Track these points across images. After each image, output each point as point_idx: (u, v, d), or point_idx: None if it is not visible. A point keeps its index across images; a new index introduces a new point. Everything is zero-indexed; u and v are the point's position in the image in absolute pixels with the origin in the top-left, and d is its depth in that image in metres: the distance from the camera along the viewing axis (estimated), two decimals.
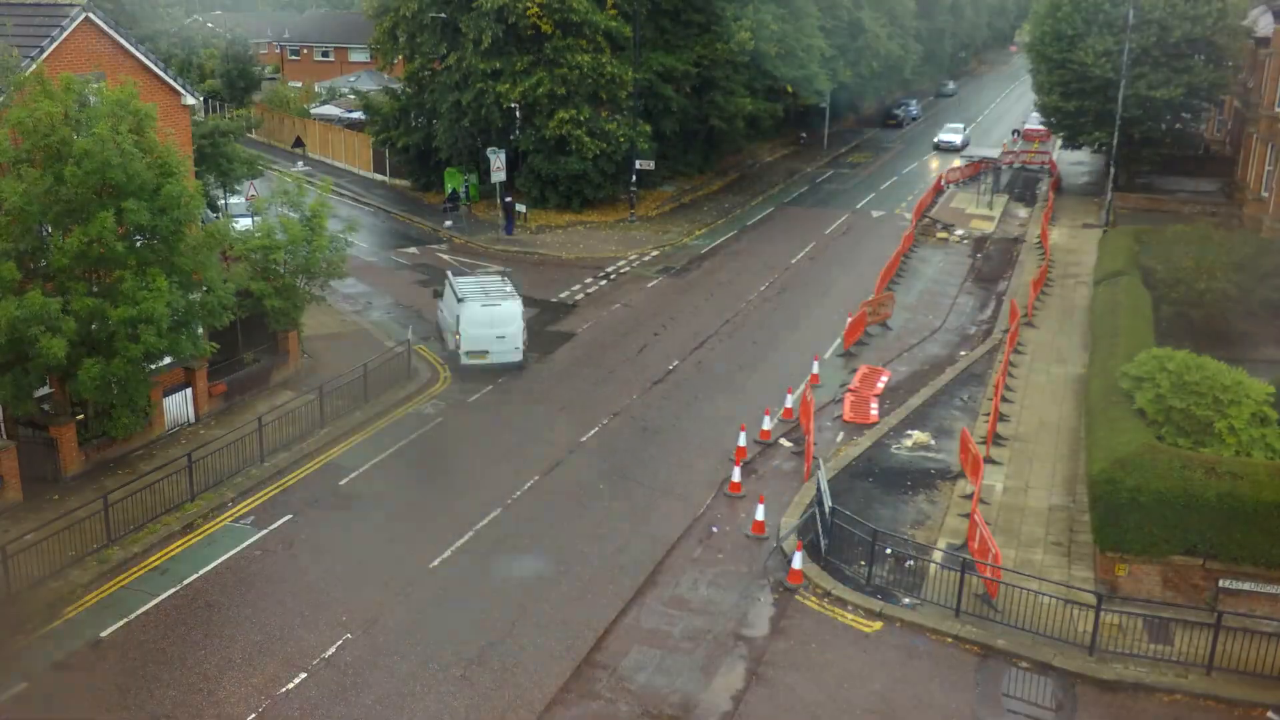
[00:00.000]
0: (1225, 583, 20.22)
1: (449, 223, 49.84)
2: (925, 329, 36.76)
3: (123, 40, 27.11)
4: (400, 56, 55.42)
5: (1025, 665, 18.98)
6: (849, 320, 34.66)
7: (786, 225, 51.87)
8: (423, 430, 28.23)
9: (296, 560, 21.99)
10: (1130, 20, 47.51)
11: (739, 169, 65.85)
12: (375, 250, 45.47)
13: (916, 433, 27.83)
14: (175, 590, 20.88)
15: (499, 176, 47.65)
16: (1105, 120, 51.54)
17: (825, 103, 70.29)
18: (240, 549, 22.38)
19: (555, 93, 48.22)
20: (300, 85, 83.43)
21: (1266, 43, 47.65)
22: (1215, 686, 18.29)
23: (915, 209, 52.43)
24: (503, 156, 47.77)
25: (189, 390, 27.94)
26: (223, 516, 23.69)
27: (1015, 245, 48.10)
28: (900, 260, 43.42)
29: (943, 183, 58.88)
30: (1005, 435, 27.66)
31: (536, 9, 47.09)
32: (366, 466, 26.18)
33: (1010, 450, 26.88)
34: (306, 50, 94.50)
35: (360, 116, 62.66)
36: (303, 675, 18.41)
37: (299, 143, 68.36)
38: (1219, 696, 18.14)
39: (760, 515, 23.40)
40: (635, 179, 51.17)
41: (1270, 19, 47.55)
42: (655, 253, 46.18)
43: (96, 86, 24.35)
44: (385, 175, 60.20)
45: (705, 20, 54.28)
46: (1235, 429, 21.81)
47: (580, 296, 39.82)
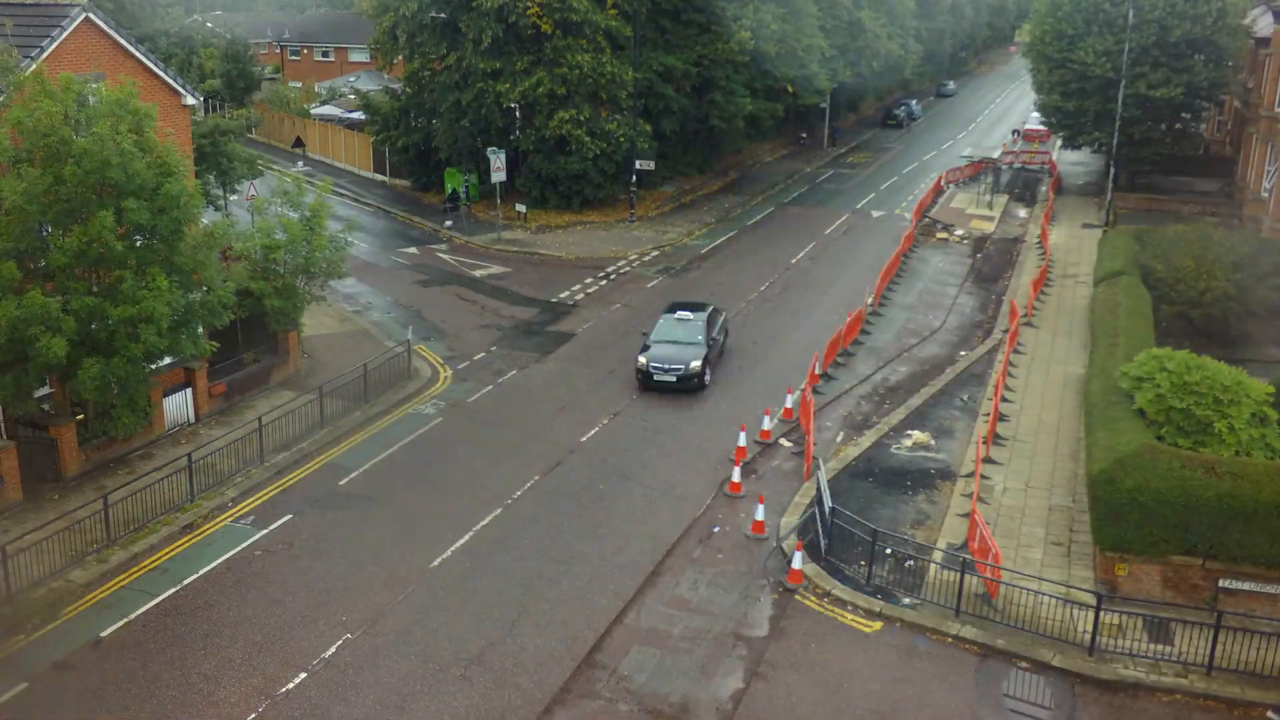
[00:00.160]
0: (1225, 583, 20.22)
1: (449, 223, 49.85)
2: (925, 329, 36.75)
3: (122, 40, 27.12)
4: (400, 56, 55.39)
5: (1025, 665, 18.98)
6: (844, 323, 34.63)
7: (786, 225, 51.86)
8: (423, 430, 28.24)
9: (296, 560, 22.00)
10: (1130, 20, 47.51)
11: (739, 169, 65.85)
12: (375, 250, 45.48)
13: (916, 433, 27.84)
14: (175, 590, 20.90)
15: (499, 176, 47.67)
16: (1105, 120, 51.53)
17: (825, 103, 70.29)
18: (240, 549, 22.40)
19: (555, 92, 48.20)
20: (300, 85, 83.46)
21: (1266, 43, 47.64)
22: (1215, 686, 18.29)
23: (915, 209, 52.42)
24: (503, 156, 47.78)
25: (189, 390, 27.96)
26: (223, 516, 23.70)
27: (1015, 245, 48.08)
28: (900, 260, 43.43)
29: (942, 183, 58.91)
30: (1005, 435, 27.66)
31: (536, 9, 47.08)
32: (366, 466, 26.18)
33: (1010, 450, 26.88)
34: (306, 50, 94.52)
35: (360, 116, 62.69)
36: (303, 675, 18.42)
37: (299, 143, 68.37)
38: (1219, 696, 18.14)
39: (760, 515, 23.39)
40: (635, 179, 51.16)
41: (1270, 19, 47.50)
42: (655, 253, 46.18)
43: (96, 86, 24.37)
44: (385, 175, 60.20)
45: (705, 20, 54.22)
46: (1235, 429, 21.78)
47: (580, 296, 39.82)
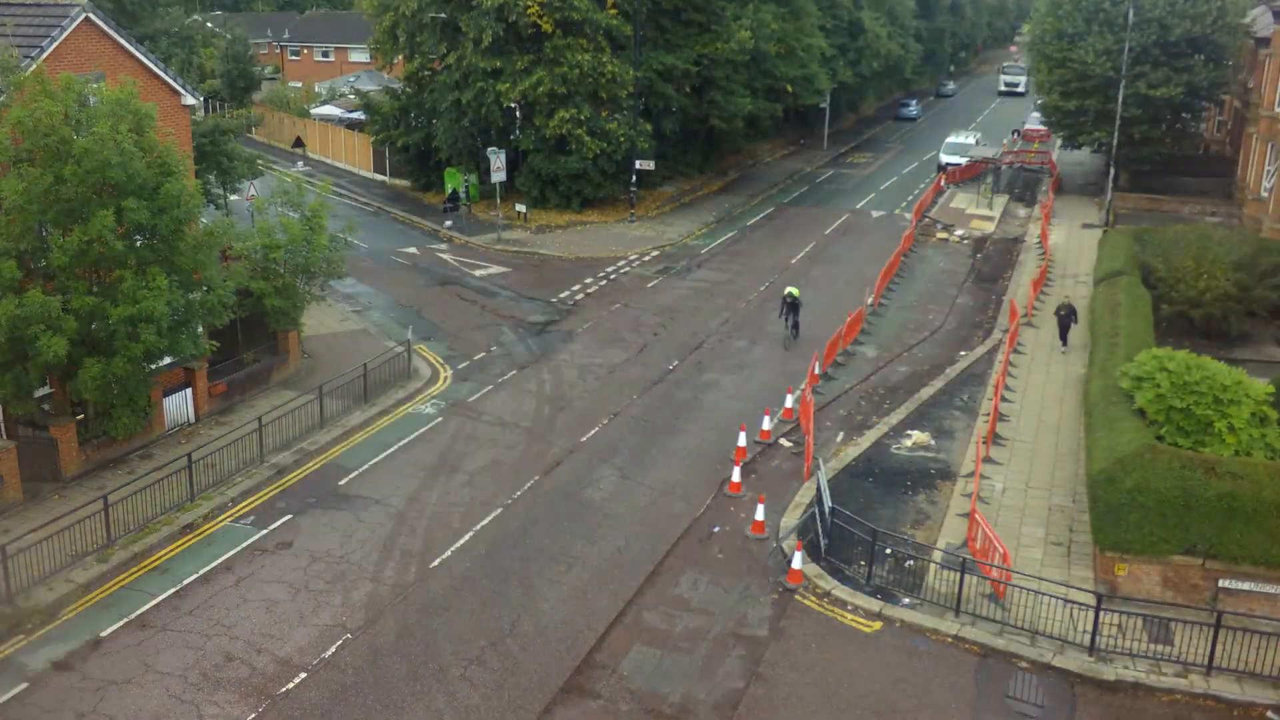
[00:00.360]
0: (1225, 583, 20.21)
1: (449, 223, 49.84)
2: (925, 329, 36.75)
3: (123, 40, 27.12)
4: (400, 56, 55.42)
5: (1025, 665, 18.98)
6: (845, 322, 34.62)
7: (786, 225, 51.86)
8: (423, 430, 28.22)
9: (296, 560, 21.98)
10: (1130, 19, 47.50)
11: (739, 169, 65.84)
12: (375, 250, 45.45)
13: (916, 433, 27.83)
14: (175, 590, 20.90)
15: (499, 176, 47.67)
16: (1105, 120, 51.53)
17: (825, 103, 70.29)
18: (240, 549, 22.39)
19: (555, 92, 48.19)
20: (300, 85, 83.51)
21: (1266, 42, 47.65)
22: (1215, 686, 18.29)
23: (915, 209, 52.39)
24: (503, 156, 47.78)
25: (189, 390, 27.95)
26: (223, 516, 23.70)
27: (1015, 245, 48.07)
28: (900, 260, 43.42)
29: (942, 183, 58.88)
30: (1005, 435, 27.66)
31: (537, 8, 47.07)
32: (366, 466, 26.18)
33: (1010, 450, 26.88)
34: (306, 50, 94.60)
35: (360, 116, 62.69)
36: (302, 675, 18.42)
37: (299, 143, 68.39)
38: (1219, 696, 18.14)
39: (760, 515, 23.39)
40: (635, 179, 51.15)
41: (1270, 18, 47.49)
42: (655, 253, 46.18)
43: (96, 86, 24.35)
44: (385, 175, 60.19)
45: (705, 19, 54.23)
46: (1235, 429, 21.77)
47: (580, 296, 39.82)
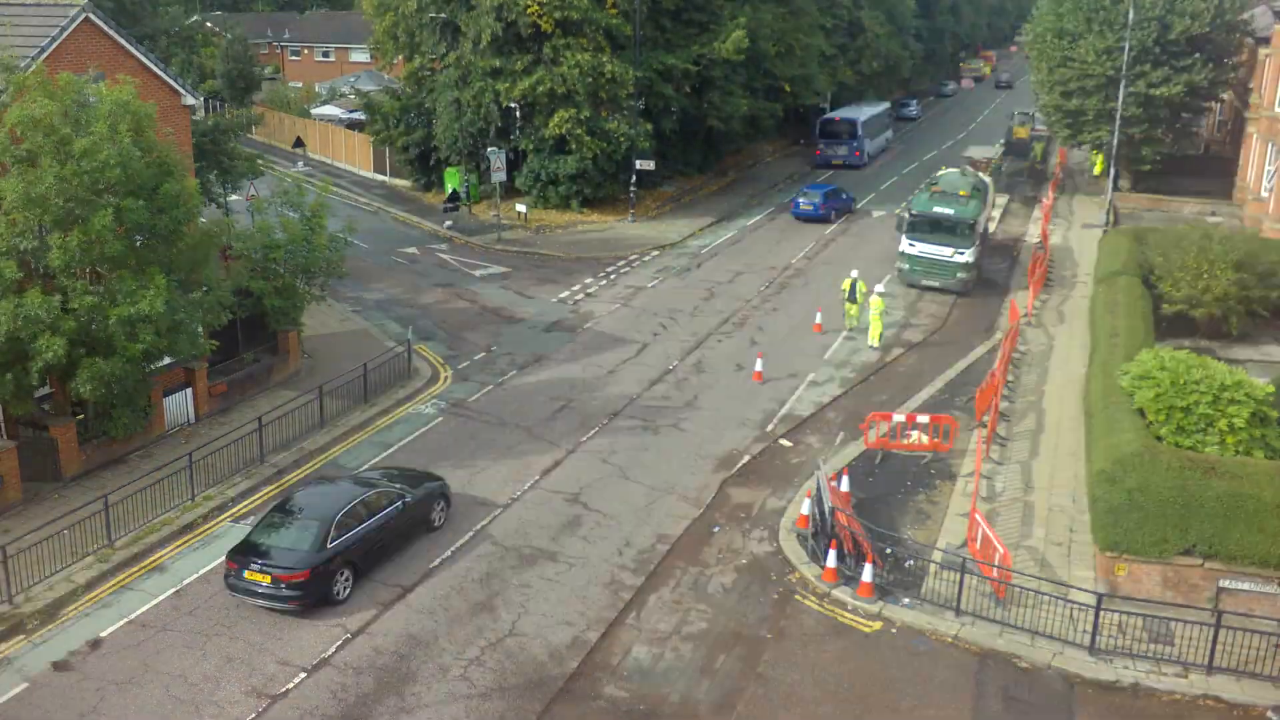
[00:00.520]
0: (1225, 583, 20.20)
1: (449, 222, 49.84)
2: (926, 329, 36.74)
3: (122, 40, 27.13)
4: (400, 56, 55.43)
5: (1025, 665, 18.98)
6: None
7: (786, 225, 51.84)
8: (423, 430, 28.22)
9: None
10: (1130, 18, 47.47)
11: (739, 169, 65.79)
12: (375, 250, 45.44)
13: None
14: (175, 590, 20.90)
15: (499, 176, 47.67)
16: (1105, 119, 51.50)
17: (825, 102, 70.24)
18: None
19: (555, 92, 48.17)
20: (300, 85, 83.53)
21: (1267, 41, 47.65)
22: (1215, 686, 18.29)
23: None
24: (503, 156, 47.78)
25: (189, 390, 27.94)
26: (223, 516, 23.70)
27: (1015, 245, 48.08)
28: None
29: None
30: (1005, 435, 27.65)
31: (536, 7, 47.03)
32: (366, 467, 26.16)
33: (1010, 450, 26.87)
34: (307, 50, 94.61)
35: (360, 116, 62.69)
36: (302, 675, 18.42)
37: (299, 143, 68.39)
38: (1219, 696, 18.13)
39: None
40: (635, 179, 51.14)
41: (1270, 17, 47.50)
42: (655, 252, 46.17)
43: (96, 86, 24.35)
44: (385, 175, 60.21)
45: (705, 19, 54.22)
46: (1235, 428, 21.78)
47: (580, 296, 39.82)
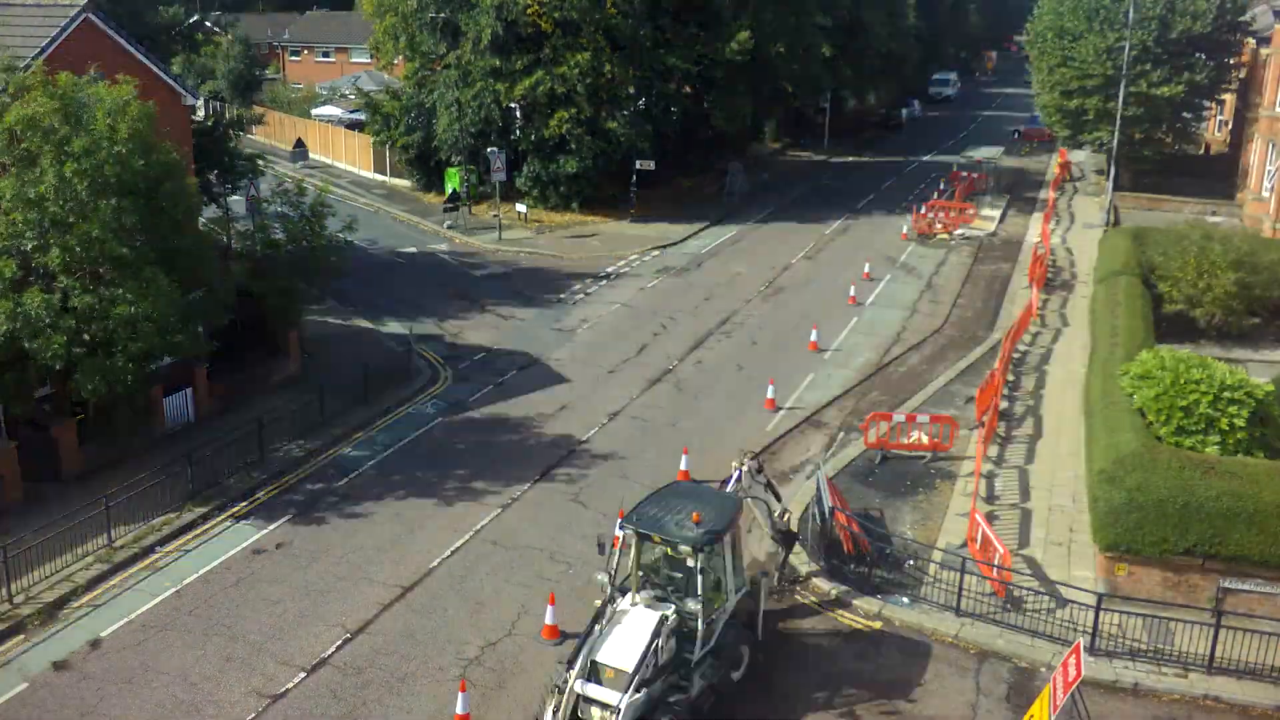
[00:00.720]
0: (1225, 583, 20.19)
1: (449, 223, 49.83)
2: (926, 329, 36.72)
3: (122, 40, 27.14)
4: (400, 57, 55.41)
5: (1025, 665, 18.97)
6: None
7: (786, 225, 51.84)
8: (423, 430, 28.22)
9: (296, 560, 21.98)
10: (1131, 17, 47.47)
11: None
12: (376, 250, 45.44)
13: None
14: (175, 590, 20.90)
15: (499, 176, 47.66)
16: (1106, 119, 51.49)
17: (825, 102, 70.25)
18: (240, 549, 22.39)
19: (555, 92, 48.19)
20: (301, 86, 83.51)
21: (1267, 41, 47.65)
22: (1215, 686, 18.28)
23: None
24: (503, 156, 47.77)
25: (189, 390, 27.94)
26: (223, 516, 23.69)
27: (1016, 245, 48.07)
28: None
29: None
30: (1005, 435, 27.63)
31: (536, 7, 47.07)
32: (366, 466, 26.18)
33: (1010, 450, 26.85)
34: (307, 51, 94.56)
35: (361, 117, 62.68)
36: (302, 675, 18.41)
37: (299, 144, 68.37)
38: (1219, 696, 18.13)
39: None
40: (635, 179, 51.15)
41: (1271, 17, 47.52)
42: (655, 252, 46.17)
43: (96, 86, 24.35)
44: (385, 175, 60.20)
45: (706, 19, 54.23)
46: (1235, 428, 21.78)
47: (580, 296, 39.82)
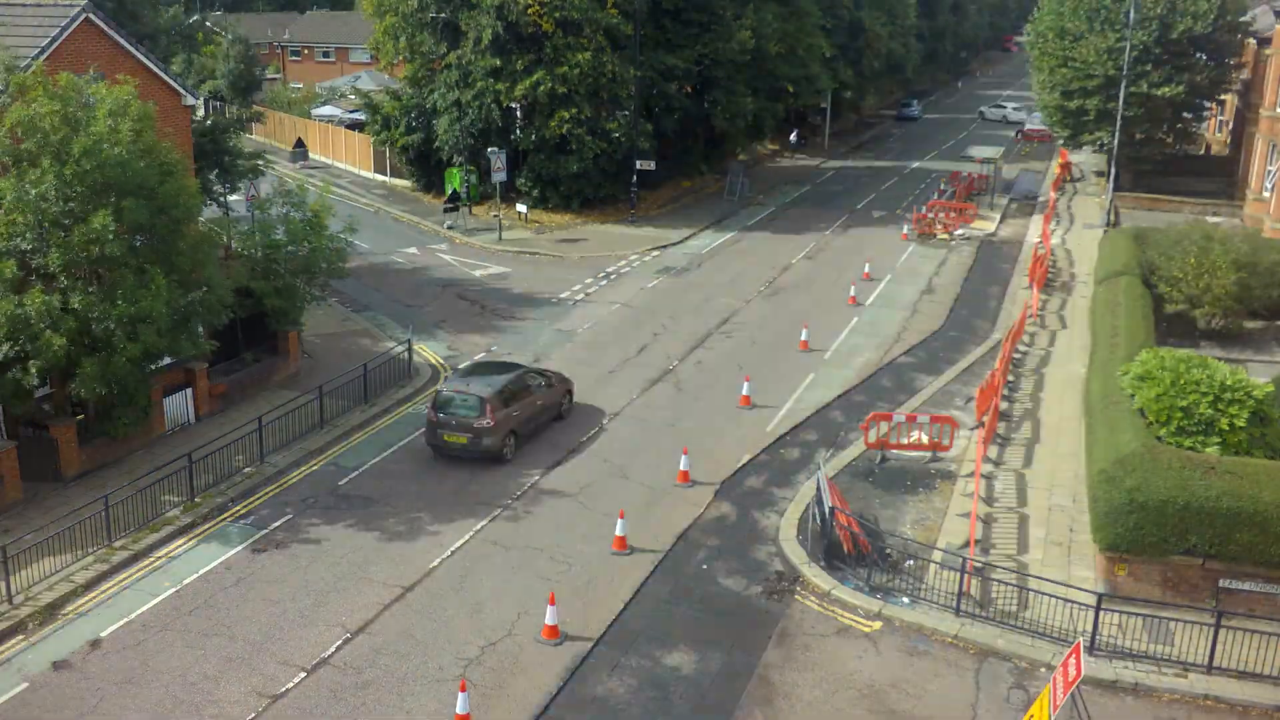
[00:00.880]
0: (1225, 583, 20.19)
1: (449, 223, 49.84)
2: (926, 329, 36.72)
3: (122, 40, 27.17)
4: (400, 57, 55.40)
5: (1025, 665, 18.97)
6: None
7: (787, 225, 51.86)
8: (423, 430, 28.20)
9: (296, 560, 21.98)
10: (1131, 17, 47.47)
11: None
12: (376, 250, 45.44)
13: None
14: (175, 590, 20.90)
15: (499, 176, 47.65)
16: (1107, 119, 51.50)
17: (826, 102, 70.26)
18: (240, 549, 22.39)
19: (556, 92, 48.18)
20: (301, 86, 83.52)
21: (1268, 42, 47.64)
22: (1215, 686, 18.27)
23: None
24: (503, 156, 47.77)
25: (189, 390, 27.95)
26: (223, 516, 23.70)
27: (1016, 245, 48.07)
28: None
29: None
30: (1005, 435, 27.63)
31: (537, 7, 47.06)
32: (366, 466, 26.18)
33: (1010, 450, 26.85)
34: (307, 51, 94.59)
35: (361, 117, 62.67)
36: (302, 675, 18.41)
37: (300, 144, 68.38)
38: (1219, 696, 18.12)
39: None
40: (636, 179, 51.14)
41: (1271, 18, 47.51)
42: (656, 252, 46.17)
43: (96, 86, 24.37)
44: (386, 175, 60.21)
45: (706, 19, 54.22)
46: (1236, 428, 21.76)
47: (580, 296, 39.82)
